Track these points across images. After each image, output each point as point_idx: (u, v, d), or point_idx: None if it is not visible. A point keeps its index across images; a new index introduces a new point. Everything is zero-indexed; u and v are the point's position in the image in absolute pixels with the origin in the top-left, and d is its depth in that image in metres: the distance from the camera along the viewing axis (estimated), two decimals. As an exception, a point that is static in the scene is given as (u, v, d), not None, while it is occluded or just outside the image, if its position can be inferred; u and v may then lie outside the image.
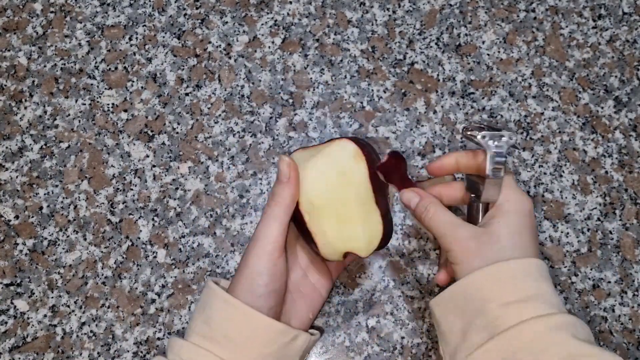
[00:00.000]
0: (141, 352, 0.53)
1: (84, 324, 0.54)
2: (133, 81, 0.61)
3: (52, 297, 0.55)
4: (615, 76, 0.60)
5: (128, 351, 0.53)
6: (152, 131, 0.59)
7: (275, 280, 0.41)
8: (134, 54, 0.62)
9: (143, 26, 0.63)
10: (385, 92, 0.60)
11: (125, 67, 0.61)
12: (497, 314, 0.37)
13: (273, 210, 0.41)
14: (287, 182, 0.41)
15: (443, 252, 0.47)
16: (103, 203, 0.57)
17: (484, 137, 0.41)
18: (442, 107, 0.59)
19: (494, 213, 0.41)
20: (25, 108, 0.60)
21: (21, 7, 0.64)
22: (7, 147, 0.59)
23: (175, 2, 0.63)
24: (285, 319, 0.44)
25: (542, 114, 0.59)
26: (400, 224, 0.56)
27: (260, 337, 0.40)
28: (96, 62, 0.62)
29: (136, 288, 0.55)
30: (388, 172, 0.44)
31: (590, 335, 0.38)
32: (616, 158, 0.58)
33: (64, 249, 0.56)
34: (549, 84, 0.60)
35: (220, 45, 0.62)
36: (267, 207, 0.42)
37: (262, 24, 0.62)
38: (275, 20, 0.63)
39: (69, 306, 0.54)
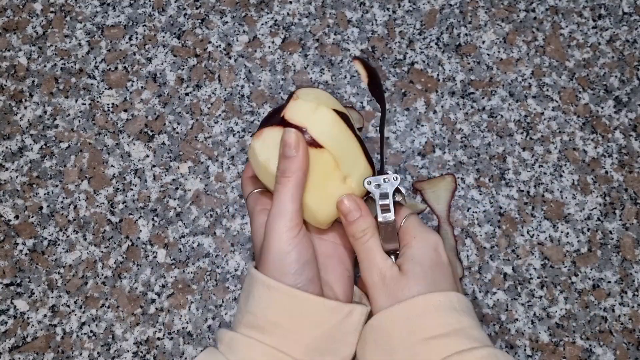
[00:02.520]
0: (141, 352, 0.53)
1: (84, 324, 0.54)
2: (133, 81, 0.61)
3: (52, 297, 0.55)
4: (615, 76, 0.60)
5: (128, 351, 0.53)
6: (152, 131, 0.59)
7: (304, 252, 0.39)
8: (134, 53, 0.62)
9: (143, 26, 0.63)
10: (385, 92, 0.60)
11: (125, 67, 0.61)
12: (417, 351, 0.36)
13: (285, 186, 0.39)
14: (296, 155, 0.39)
15: None
16: (103, 203, 0.57)
17: (369, 183, 0.42)
18: (442, 107, 0.59)
19: (400, 260, 0.41)
20: (25, 108, 0.60)
21: (21, 7, 0.64)
22: (7, 147, 0.59)
23: (175, 2, 0.63)
24: (327, 288, 0.42)
25: (542, 114, 0.59)
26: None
27: (309, 318, 0.38)
28: (96, 62, 0.62)
29: (136, 288, 0.55)
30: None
31: None
32: (616, 158, 0.58)
33: (64, 249, 0.56)
34: (549, 84, 0.60)
35: (220, 45, 0.62)
36: (277, 184, 0.40)
37: (262, 24, 0.62)
38: (275, 20, 0.63)
39: (69, 306, 0.54)
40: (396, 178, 0.42)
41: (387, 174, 0.42)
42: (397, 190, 0.42)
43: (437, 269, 0.40)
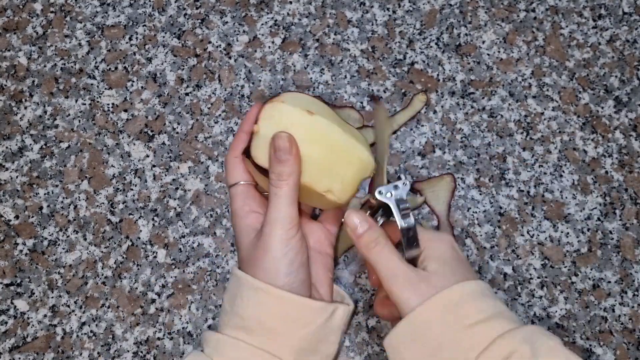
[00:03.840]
0: (141, 352, 0.53)
1: (84, 324, 0.54)
2: (133, 81, 0.61)
3: (52, 297, 0.55)
4: (616, 76, 0.60)
5: (128, 351, 0.53)
6: (152, 131, 0.59)
7: (300, 255, 0.40)
8: (134, 53, 0.62)
9: (143, 26, 0.63)
10: (385, 92, 0.60)
11: (125, 67, 0.61)
12: (462, 337, 0.37)
13: (281, 190, 0.39)
14: (289, 159, 0.39)
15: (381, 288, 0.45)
16: (103, 203, 0.57)
17: (380, 192, 0.41)
18: (442, 107, 0.59)
19: (423, 264, 0.41)
20: (25, 108, 0.60)
21: (21, 7, 0.64)
22: (7, 147, 0.59)
23: (175, 2, 0.63)
24: (313, 289, 0.42)
25: (542, 113, 0.59)
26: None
27: (298, 319, 0.39)
28: (96, 62, 0.62)
29: (136, 288, 0.55)
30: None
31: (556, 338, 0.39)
32: (616, 158, 0.58)
33: (64, 249, 0.56)
34: (549, 83, 0.60)
35: (220, 45, 0.62)
36: (273, 187, 0.40)
37: (262, 24, 0.62)
38: (275, 20, 0.63)
39: (69, 306, 0.54)
40: (405, 183, 0.42)
41: (399, 178, 0.42)
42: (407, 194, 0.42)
43: (459, 263, 0.41)
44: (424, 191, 0.56)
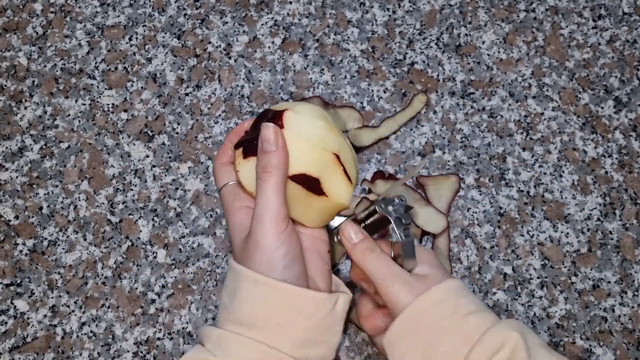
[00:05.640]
0: (141, 352, 0.53)
1: (84, 324, 0.54)
2: (133, 81, 0.61)
3: (52, 297, 0.55)
4: (615, 76, 0.60)
5: (128, 351, 0.53)
6: (152, 131, 0.59)
7: (293, 247, 0.39)
8: (134, 54, 0.62)
9: (143, 26, 0.63)
10: (385, 92, 0.60)
11: (125, 67, 0.61)
12: (462, 324, 0.39)
13: (268, 182, 0.39)
14: (276, 150, 0.39)
15: (362, 301, 0.47)
16: (103, 203, 0.57)
17: (380, 207, 0.44)
18: (442, 107, 0.59)
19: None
20: (26, 108, 0.60)
21: (21, 7, 0.64)
22: (7, 147, 0.59)
23: (175, 2, 0.63)
24: (311, 281, 0.42)
25: (542, 114, 0.59)
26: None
27: (301, 312, 0.39)
28: (96, 62, 0.62)
29: (136, 288, 0.55)
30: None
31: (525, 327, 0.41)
32: (616, 158, 0.58)
33: (64, 249, 0.56)
34: (549, 84, 0.60)
35: (220, 45, 0.62)
36: (260, 180, 0.39)
37: (262, 24, 0.62)
38: (275, 21, 0.63)
39: (69, 306, 0.54)
40: (402, 199, 0.44)
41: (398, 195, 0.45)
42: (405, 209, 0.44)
43: (443, 268, 0.45)
44: (427, 187, 0.56)
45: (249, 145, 0.41)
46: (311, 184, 0.40)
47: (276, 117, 0.40)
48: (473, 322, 0.39)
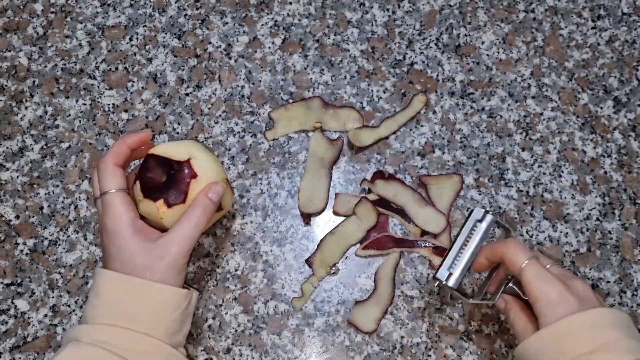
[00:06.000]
0: (141, 351, 0.53)
1: (84, 323, 0.54)
2: (133, 81, 0.61)
3: (53, 297, 0.55)
4: (615, 76, 0.60)
5: (128, 351, 0.53)
6: (152, 131, 0.59)
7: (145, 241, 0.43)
8: (135, 54, 0.62)
9: (143, 26, 0.63)
10: (385, 92, 0.60)
11: (125, 68, 0.61)
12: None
13: (199, 226, 0.44)
14: (214, 204, 0.45)
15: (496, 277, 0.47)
16: (103, 203, 0.57)
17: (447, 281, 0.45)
18: (441, 107, 0.60)
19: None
20: (26, 108, 0.60)
21: (22, 7, 0.64)
22: (7, 147, 0.59)
23: (175, 2, 0.64)
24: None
25: (542, 114, 0.59)
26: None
27: (170, 304, 0.42)
28: (97, 63, 0.62)
29: (136, 288, 0.55)
30: None
31: None
32: (615, 158, 0.58)
33: (64, 248, 0.56)
34: (548, 84, 0.60)
35: (220, 45, 0.62)
36: (197, 208, 0.44)
37: (262, 25, 0.63)
38: (275, 21, 0.63)
39: (69, 306, 0.55)
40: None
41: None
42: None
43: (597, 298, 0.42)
44: (429, 185, 0.56)
45: (150, 187, 0.46)
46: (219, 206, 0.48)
47: (189, 168, 0.46)
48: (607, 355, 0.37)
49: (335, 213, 0.57)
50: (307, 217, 0.57)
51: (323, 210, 0.57)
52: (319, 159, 0.58)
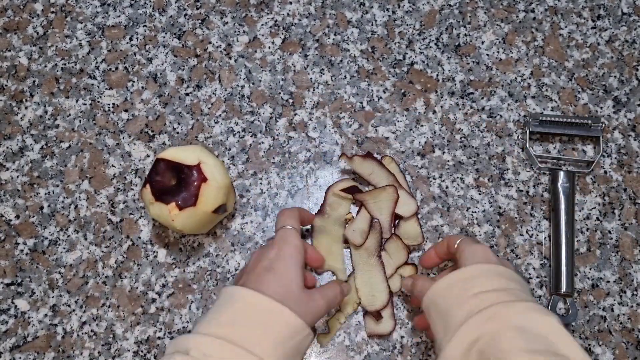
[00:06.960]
0: (142, 351, 0.53)
1: (84, 323, 0.54)
2: (134, 81, 0.61)
3: (53, 297, 0.55)
4: (615, 76, 0.61)
5: (129, 350, 0.53)
6: (152, 131, 0.59)
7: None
8: (135, 54, 0.62)
9: (143, 26, 0.63)
10: (385, 92, 0.60)
11: (125, 67, 0.61)
12: (469, 302, 0.41)
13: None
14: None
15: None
16: (104, 203, 0.57)
17: None
18: (441, 107, 0.60)
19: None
20: (26, 108, 0.60)
21: (22, 7, 0.64)
22: (7, 147, 0.59)
23: (175, 2, 0.64)
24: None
25: (542, 114, 0.59)
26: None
27: (290, 332, 0.42)
28: (97, 62, 0.62)
29: (137, 287, 0.55)
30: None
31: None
32: (615, 158, 0.58)
33: (64, 248, 0.56)
34: (548, 84, 0.60)
35: (220, 45, 0.62)
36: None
37: (262, 25, 0.63)
38: (275, 21, 0.63)
39: (69, 305, 0.55)
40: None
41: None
42: None
43: (498, 259, 0.46)
44: (366, 202, 0.55)
45: (161, 190, 0.49)
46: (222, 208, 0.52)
47: (199, 172, 0.49)
48: (481, 299, 0.41)
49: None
50: (377, 315, 0.53)
51: (389, 301, 0.53)
52: (364, 250, 0.55)
